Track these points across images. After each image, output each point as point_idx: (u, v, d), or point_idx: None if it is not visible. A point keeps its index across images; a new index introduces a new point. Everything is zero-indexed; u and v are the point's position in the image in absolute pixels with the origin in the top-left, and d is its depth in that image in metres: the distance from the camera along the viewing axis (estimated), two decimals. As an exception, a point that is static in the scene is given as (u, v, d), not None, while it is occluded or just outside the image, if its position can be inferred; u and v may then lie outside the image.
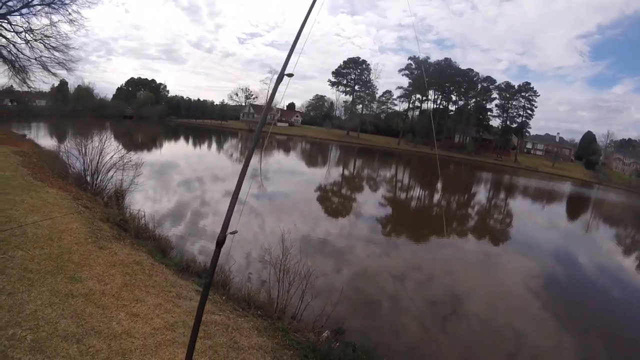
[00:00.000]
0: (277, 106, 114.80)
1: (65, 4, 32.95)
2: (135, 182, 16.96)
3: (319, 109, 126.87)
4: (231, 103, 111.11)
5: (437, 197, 35.05)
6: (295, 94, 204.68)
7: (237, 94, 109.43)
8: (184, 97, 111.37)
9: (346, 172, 45.41)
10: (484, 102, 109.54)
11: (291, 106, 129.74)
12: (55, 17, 33.12)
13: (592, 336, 11.04)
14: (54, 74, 35.30)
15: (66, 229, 9.03)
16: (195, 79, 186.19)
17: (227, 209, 2.79)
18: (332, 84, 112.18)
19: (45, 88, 51.83)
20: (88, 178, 17.05)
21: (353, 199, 28.72)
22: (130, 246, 9.46)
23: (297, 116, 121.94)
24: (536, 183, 60.03)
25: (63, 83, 76.53)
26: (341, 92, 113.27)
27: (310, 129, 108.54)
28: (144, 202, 17.62)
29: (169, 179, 25.64)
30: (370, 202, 27.11)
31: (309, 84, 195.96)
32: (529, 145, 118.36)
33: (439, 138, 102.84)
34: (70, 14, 33.26)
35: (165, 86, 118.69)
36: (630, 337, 11.29)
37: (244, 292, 8.78)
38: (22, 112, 45.81)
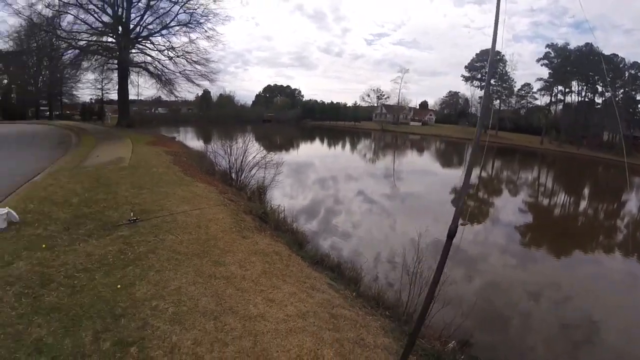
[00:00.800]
0: (410, 105, 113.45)
1: (200, 23, 37.28)
2: (276, 180, 18.02)
3: (452, 107, 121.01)
4: (363, 104, 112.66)
5: (583, 205, 30.85)
6: (428, 91, 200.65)
7: (368, 95, 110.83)
8: (318, 100, 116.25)
9: (483, 174, 42.55)
10: (634, 93, 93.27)
11: (424, 104, 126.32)
12: (193, 35, 37.88)
13: None
14: (198, 85, 40.57)
15: (213, 219, 9.82)
16: (327, 82, 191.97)
17: (458, 201, 2.93)
18: (466, 79, 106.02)
19: (191, 97, 58.24)
20: (233, 175, 18.52)
21: (490, 204, 26.72)
22: (270, 237, 9.90)
23: (430, 115, 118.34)
24: None
25: (206, 92, 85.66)
26: (476, 87, 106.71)
27: (444, 127, 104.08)
28: (283, 198, 18.80)
29: (305, 178, 26.69)
30: (509, 209, 24.85)
31: (441, 80, 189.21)
32: None
33: (586, 135, 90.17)
34: (206, 31, 37.72)
35: (300, 91, 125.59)
36: None
37: (374, 290, 8.68)
38: (170, 118, 51.28)
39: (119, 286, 5.83)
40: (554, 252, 16.92)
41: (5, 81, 62.73)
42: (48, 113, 61.76)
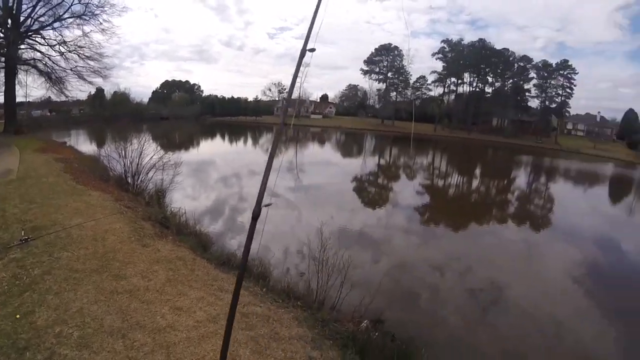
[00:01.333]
0: (310, 98, 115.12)
1: (96, 14, 34.34)
2: (175, 181, 17.39)
3: (352, 99, 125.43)
4: (265, 98, 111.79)
5: (475, 183, 34.13)
6: (328, 84, 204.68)
7: (270, 89, 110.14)
8: (218, 95, 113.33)
9: (381, 162, 44.84)
10: (522, 83, 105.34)
11: (324, 97, 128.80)
12: (87, 28, 35.18)
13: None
14: (90, 82, 37.58)
15: (110, 229, 9.35)
16: (229, 76, 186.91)
17: (261, 183, 2.96)
18: (364, 72, 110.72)
19: (83, 96, 53.80)
20: (129, 179, 17.56)
21: (389, 189, 28.39)
22: (172, 243, 9.70)
23: (330, 107, 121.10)
24: (577, 165, 57.22)
25: (99, 90, 79.46)
26: (374, 80, 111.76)
27: (344, 119, 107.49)
28: (184, 200, 18.07)
29: (206, 177, 26.12)
30: (407, 191, 26.68)
31: (342, 74, 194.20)
32: (569, 126, 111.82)
33: (476, 122, 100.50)
34: (101, 23, 35.01)
35: (199, 86, 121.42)
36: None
37: (284, 283, 8.83)
38: (61, 120, 47.33)
39: (17, 316, 5.44)
40: (453, 228, 18.60)
41: None
42: None
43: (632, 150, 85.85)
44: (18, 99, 36.82)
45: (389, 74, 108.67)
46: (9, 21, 31.84)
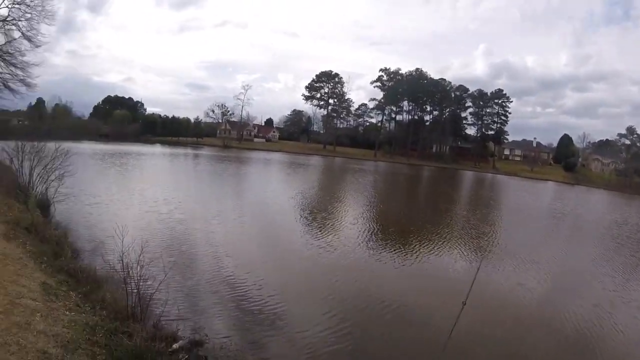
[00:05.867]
0: (254, 122, 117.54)
1: (20, 20, 33.99)
2: (60, 194, 19.60)
3: (297, 124, 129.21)
4: (208, 120, 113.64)
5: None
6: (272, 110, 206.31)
7: (213, 111, 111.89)
8: (161, 114, 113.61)
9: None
10: (459, 111, 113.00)
11: (269, 122, 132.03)
12: (16, 34, 34.59)
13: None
14: (15, 91, 36.95)
15: None
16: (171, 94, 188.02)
17: None
18: (306, 98, 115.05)
19: (23, 106, 52.54)
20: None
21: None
22: (14, 243, 11.55)
23: (274, 132, 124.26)
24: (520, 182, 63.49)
25: (40, 101, 79.11)
26: (315, 105, 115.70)
27: (288, 144, 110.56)
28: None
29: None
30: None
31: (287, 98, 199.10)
32: (506, 152, 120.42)
33: (415, 148, 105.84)
34: (28, 30, 34.49)
35: (143, 104, 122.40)
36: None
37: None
38: None
39: None
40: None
41: None
42: None
43: (568, 172, 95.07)
44: None
45: (331, 100, 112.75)
46: None
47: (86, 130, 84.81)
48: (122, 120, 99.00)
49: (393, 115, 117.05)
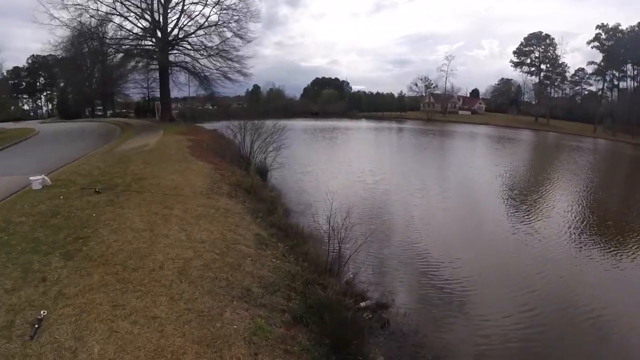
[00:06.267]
0: (459, 93, 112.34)
1: (232, 22, 40.18)
2: (277, 163, 21.94)
3: (505, 95, 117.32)
4: (411, 94, 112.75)
5: None
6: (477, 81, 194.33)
7: (416, 84, 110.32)
8: (366, 91, 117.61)
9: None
10: None
11: (474, 93, 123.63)
12: (227, 34, 41.10)
13: None
14: (234, 80, 43.82)
15: (191, 184, 13.06)
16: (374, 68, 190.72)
17: None
18: (515, 64, 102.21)
19: (241, 92, 61.26)
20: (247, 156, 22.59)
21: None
22: (235, 200, 12.86)
23: (480, 103, 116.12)
24: None
25: (256, 87, 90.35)
26: (525, 73, 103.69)
27: (495, 116, 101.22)
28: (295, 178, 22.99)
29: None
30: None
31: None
32: None
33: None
34: (238, 30, 40.64)
35: (348, 83, 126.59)
36: None
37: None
38: (221, 113, 55.21)
39: (94, 214, 9.24)
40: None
41: (62, 84, 72.10)
42: (102, 111, 69.16)
43: None
44: (181, 94, 44.64)
45: (542, 66, 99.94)
46: (158, 32, 39.60)
47: (298, 109, 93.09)
48: (330, 99, 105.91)
49: (615, 82, 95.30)
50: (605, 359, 9.10)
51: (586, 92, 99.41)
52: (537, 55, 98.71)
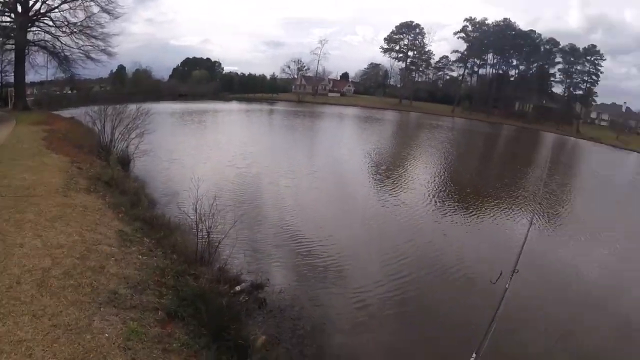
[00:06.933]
0: (330, 76, 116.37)
1: None
2: (140, 151, 21.28)
3: (373, 78, 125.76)
4: (283, 76, 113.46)
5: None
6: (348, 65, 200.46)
7: (289, 67, 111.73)
8: (238, 72, 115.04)
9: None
10: (547, 67, 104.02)
11: (344, 76, 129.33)
12: (95, 9, 37.68)
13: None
14: (97, 60, 40.58)
15: (45, 182, 12.42)
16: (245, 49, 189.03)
17: None
18: (385, 50, 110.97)
19: (104, 74, 55.80)
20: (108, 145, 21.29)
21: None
22: (94, 195, 12.67)
23: (349, 86, 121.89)
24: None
25: (121, 67, 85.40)
26: (393, 58, 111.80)
27: (362, 98, 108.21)
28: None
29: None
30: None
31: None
32: (593, 115, 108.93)
33: (497, 106, 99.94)
34: (107, 4, 37.70)
35: (220, 63, 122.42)
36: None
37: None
38: (81, 98, 50.66)
39: None
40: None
41: None
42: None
43: None
44: (37, 79, 40.79)
45: (410, 53, 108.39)
46: (19, 6, 35.20)
47: (166, 91, 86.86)
48: (200, 80, 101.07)
49: (476, 69, 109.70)
50: (474, 302, 10.88)
51: (448, 77, 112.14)
52: (405, 43, 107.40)
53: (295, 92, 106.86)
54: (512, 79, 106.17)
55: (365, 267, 12.78)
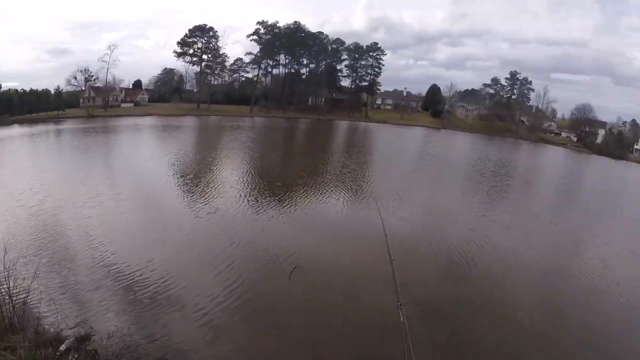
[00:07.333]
0: (121, 85, 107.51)
1: None
2: None
3: (168, 84, 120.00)
4: (69, 88, 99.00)
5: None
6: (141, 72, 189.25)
7: (75, 77, 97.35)
8: (18, 89, 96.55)
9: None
10: (335, 64, 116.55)
11: (137, 84, 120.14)
12: None
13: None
14: None
15: None
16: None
17: None
18: (178, 54, 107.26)
19: None
20: None
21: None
22: None
23: (143, 94, 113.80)
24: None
25: None
26: (188, 62, 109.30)
27: (158, 106, 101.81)
28: None
29: None
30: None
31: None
32: (378, 101, 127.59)
33: (292, 102, 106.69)
34: None
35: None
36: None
37: None
38: None
39: None
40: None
41: None
42: None
43: (435, 117, 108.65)
44: None
45: (204, 56, 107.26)
46: None
47: None
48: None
49: (269, 70, 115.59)
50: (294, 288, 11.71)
51: (243, 79, 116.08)
52: (199, 47, 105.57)
53: (84, 106, 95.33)
54: (303, 76, 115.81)
55: (196, 283, 12.66)
